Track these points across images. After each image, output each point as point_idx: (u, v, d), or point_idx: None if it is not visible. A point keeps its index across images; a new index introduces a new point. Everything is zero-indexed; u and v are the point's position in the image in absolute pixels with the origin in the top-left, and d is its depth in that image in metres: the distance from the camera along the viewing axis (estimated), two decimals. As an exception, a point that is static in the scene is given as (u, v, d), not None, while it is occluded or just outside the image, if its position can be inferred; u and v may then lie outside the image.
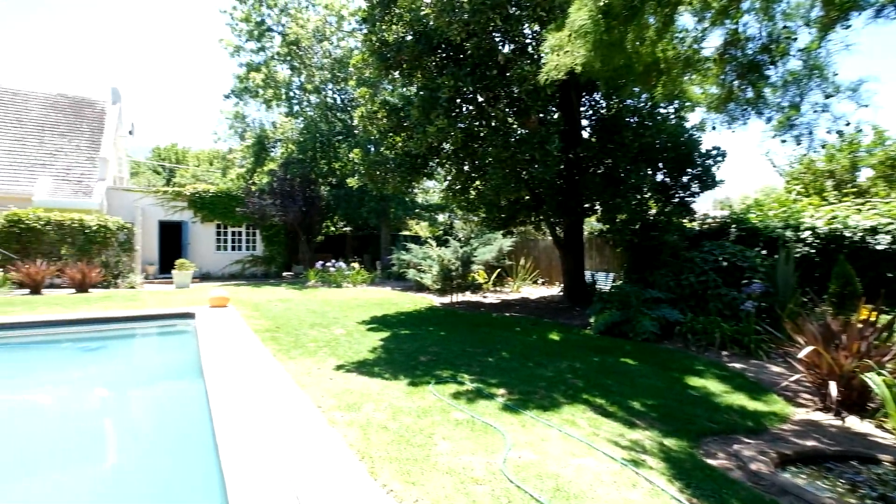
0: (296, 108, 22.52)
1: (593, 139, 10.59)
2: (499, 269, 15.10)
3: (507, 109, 9.36)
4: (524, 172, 9.46)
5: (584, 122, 10.97)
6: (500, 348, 6.38)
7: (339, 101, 22.41)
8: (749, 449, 3.31)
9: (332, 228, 25.37)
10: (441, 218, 26.77)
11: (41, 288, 11.72)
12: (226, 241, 19.26)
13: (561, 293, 12.61)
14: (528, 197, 11.13)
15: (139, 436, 4.46)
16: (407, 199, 22.37)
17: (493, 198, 10.14)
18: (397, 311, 9.96)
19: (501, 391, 4.47)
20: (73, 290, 12.03)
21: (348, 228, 25.44)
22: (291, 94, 22.43)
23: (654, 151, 9.32)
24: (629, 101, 9.85)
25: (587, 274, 12.41)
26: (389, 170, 10.47)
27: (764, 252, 8.14)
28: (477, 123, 9.44)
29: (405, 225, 26.72)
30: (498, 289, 14.87)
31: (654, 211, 9.82)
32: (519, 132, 9.60)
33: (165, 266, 17.10)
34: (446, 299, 12.15)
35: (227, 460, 2.87)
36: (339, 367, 5.23)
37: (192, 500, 3.10)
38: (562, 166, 9.74)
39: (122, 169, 21.99)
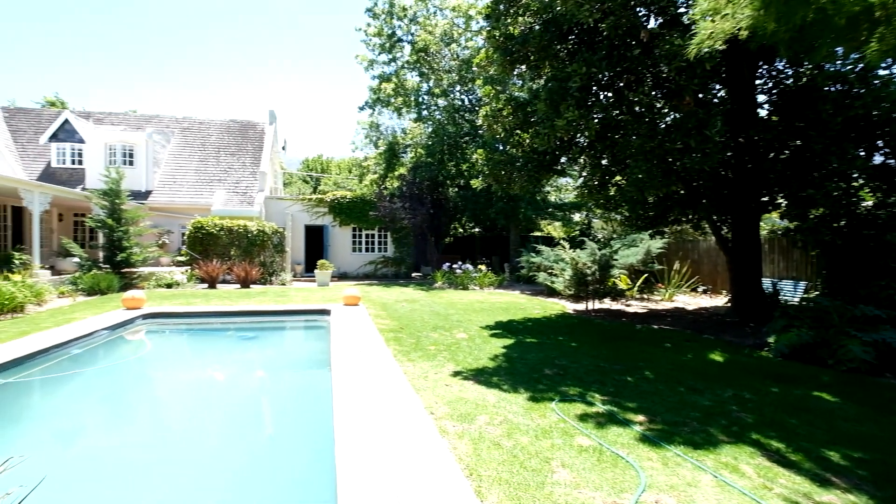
0: (424, 112, 24.01)
1: (773, 118, 8.93)
2: (646, 275, 13.77)
3: (652, 93, 8.49)
4: (676, 163, 8.44)
5: (761, 98, 9.33)
6: (642, 366, 5.75)
7: (466, 102, 23.21)
8: None
9: (460, 230, 26.28)
10: (577, 217, 25.67)
11: (216, 283, 14.56)
12: (360, 243, 21.39)
13: (727, 304, 10.91)
14: (682, 191, 9.92)
15: (277, 413, 5.25)
16: (538, 199, 22.02)
17: (636, 194, 9.28)
18: (524, 316, 9.77)
19: (640, 418, 3.98)
20: (238, 286, 14.66)
21: (476, 229, 26.06)
22: (420, 99, 23.98)
23: (869, 126, 7.42)
24: (827, 66, 8.02)
25: (765, 282, 10.50)
26: (516, 169, 10.37)
27: None
28: (616, 112, 8.77)
29: (536, 225, 26.24)
30: (645, 296, 13.56)
31: (868, 203, 7.84)
32: (669, 117, 8.63)
33: (310, 265, 19.82)
34: (581, 306, 11.51)
35: (339, 452, 3.10)
36: (456, 374, 5.29)
37: (309, 475, 3.48)
38: (728, 153, 8.45)
39: (277, 180, 26.18)
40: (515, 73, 10.46)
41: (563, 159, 10.57)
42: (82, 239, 19.02)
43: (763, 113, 9.25)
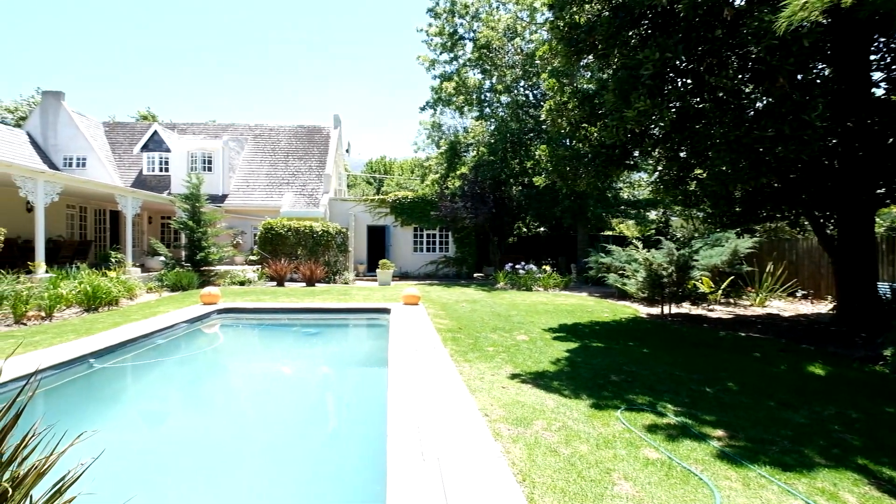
0: (486, 110, 23.94)
1: (894, 97, 7.89)
2: (732, 277, 12.72)
3: (738, 76, 7.82)
4: (766, 154, 7.72)
5: (877, 76, 8.29)
6: (724, 377, 5.30)
7: (530, 97, 22.86)
8: None
9: (524, 229, 25.89)
10: (652, 215, 24.37)
11: (284, 281, 15.47)
12: (421, 243, 21.75)
13: (832, 311, 9.81)
14: (775, 184, 9.07)
15: (333, 407, 5.50)
16: (609, 196, 21.17)
17: (719, 188, 8.61)
18: (591, 319, 9.41)
19: (719, 433, 3.66)
20: (304, 284, 15.46)
21: (541, 229, 25.54)
22: (482, 97, 23.95)
23: None
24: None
25: (882, 286, 9.31)
26: (582, 164, 10.02)
27: None
28: (697, 99, 8.19)
29: (607, 224, 25.24)
30: (731, 301, 12.54)
31: None
32: (758, 103, 7.92)
33: (372, 265, 20.51)
34: (655, 310, 10.88)
35: (391, 450, 3.15)
36: (514, 376, 5.20)
37: (359, 469, 3.61)
38: (831, 140, 7.59)
39: (342, 182, 27.33)
40: (582, 63, 10.12)
41: (634, 153, 10.06)
42: (168, 240, 21.05)
43: (879, 92, 8.22)
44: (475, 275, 21.72)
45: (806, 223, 10.56)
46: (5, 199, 13.70)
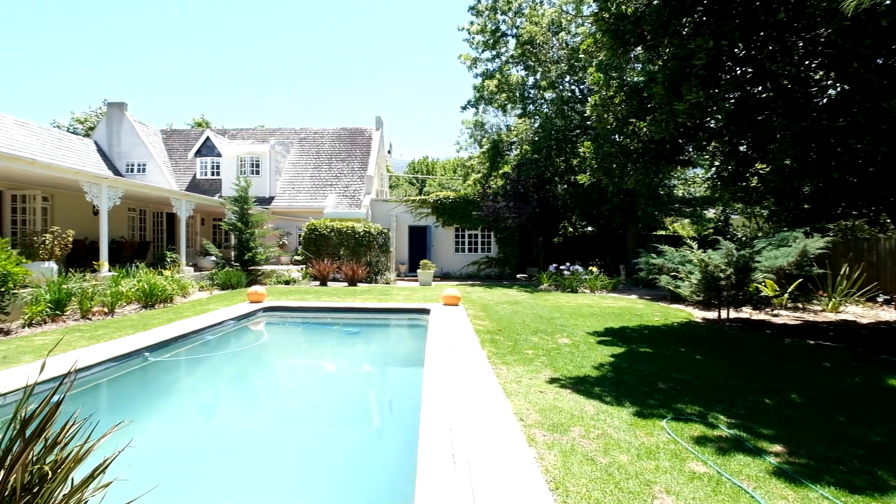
0: (530, 107, 23.60)
1: None
2: (800, 280, 11.86)
3: (805, 62, 7.28)
4: (837, 146, 7.13)
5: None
6: (788, 388, 4.94)
7: (577, 93, 22.33)
8: None
9: (570, 229, 25.32)
10: (710, 213, 23.17)
11: (327, 281, 15.92)
12: (463, 243, 21.76)
13: (919, 319, 8.93)
14: (851, 178, 8.38)
15: (368, 405, 5.61)
16: (661, 193, 20.30)
17: (782, 184, 8.05)
18: (640, 323, 9.06)
19: (777, 448, 3.40)
20: (346, 284, 15.84)
21: (589, 228, 24.89)
22: (526, 93, 23.63)
23: None
24: None
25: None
26: (630, 161, 9.67)
27: None
28: (759, 87, 7.70)
29: (659, 223, 24.21)
30: (800, 305, 11.72)
31: None
32: (831, 90, 7.34)
33: (413, 265, 20.74)
34: (712, 314, 10.34)
35: (422, 452, 3.15)
36: (553, 381, 5.07)
37: (388, 470, 3.69)
38: None
39: (384, 183, 27.81)
40: (631, 55, 9.78)
41: (687, 148, 9.60)
42: (219, 240, 22.21)
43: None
44: (518, 276, 21.47)
45: (888, 221, 9.69)
46: (75, 204, 14.92)
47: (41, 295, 8.48)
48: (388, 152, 28.38)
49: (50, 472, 1.49)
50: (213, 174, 23.27)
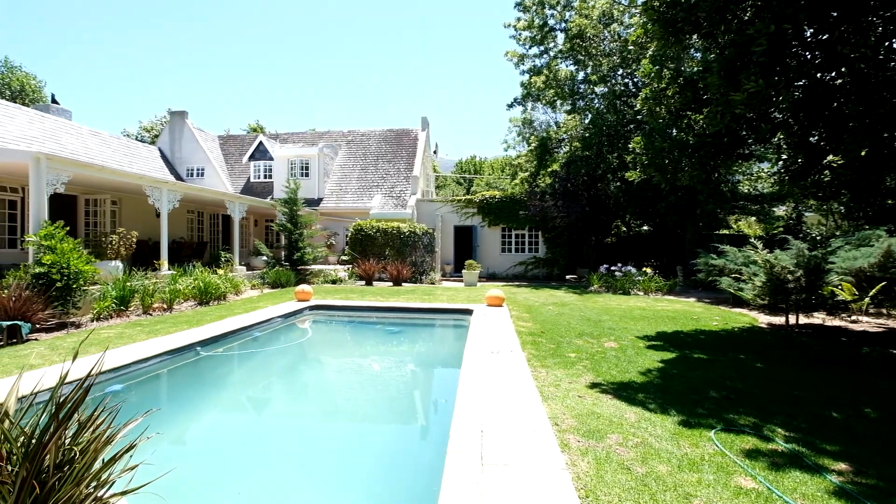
0: (580, 103, 23.01)
1: None
2: (884, 283, 10.84)
3: (884, 43, 6.65)
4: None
5: None
6: (861, 401, 4.54)
7: (629, 86, 21.56)
8: None
9: (624, 228, 24.49)
10: (780, 211, 21.68)
11: (372, 280, 16.28)
12: (510, 243, 21.58)
13: None
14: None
15: (404, 404, 5.69)
16: (724, 189, 19.21)
17: (854, 177, 7.42)
18: (696, 328, 8.63)
19: (841, 466, 3.13)
20: (391, 284, 16.12)
21: (644, 227, 23.97)
22: (575, 88, 23.08)
23: None
24: None
25: None
26: (685, 156, 9.23)
27: None
28: (833, 73, 7.12)
29: (722, 222, 22.92)
30: (883, 311, 10.73)
31: None
32: None
33: (458, 266, 20.79)
34: (778, 319, 9.68)
35: (450, 455, 3.15)
36: (593, 386, 4.92)
37: (418, 468, 3.73)
38: None
39: (430, 183, 28.07)
40: (683, 45, 9.33)
41: (748, 140, 9.03)
42: (270, 241, 23.24)
43: None
44: (568, 277, 21.01)
45: None
46: (140, 207, 16.10)
47: (108, 291, 9.22)
48: (434, 152, 28.64)
49: (78, 454, 1.62)
50: (265, 177, 24.40)
